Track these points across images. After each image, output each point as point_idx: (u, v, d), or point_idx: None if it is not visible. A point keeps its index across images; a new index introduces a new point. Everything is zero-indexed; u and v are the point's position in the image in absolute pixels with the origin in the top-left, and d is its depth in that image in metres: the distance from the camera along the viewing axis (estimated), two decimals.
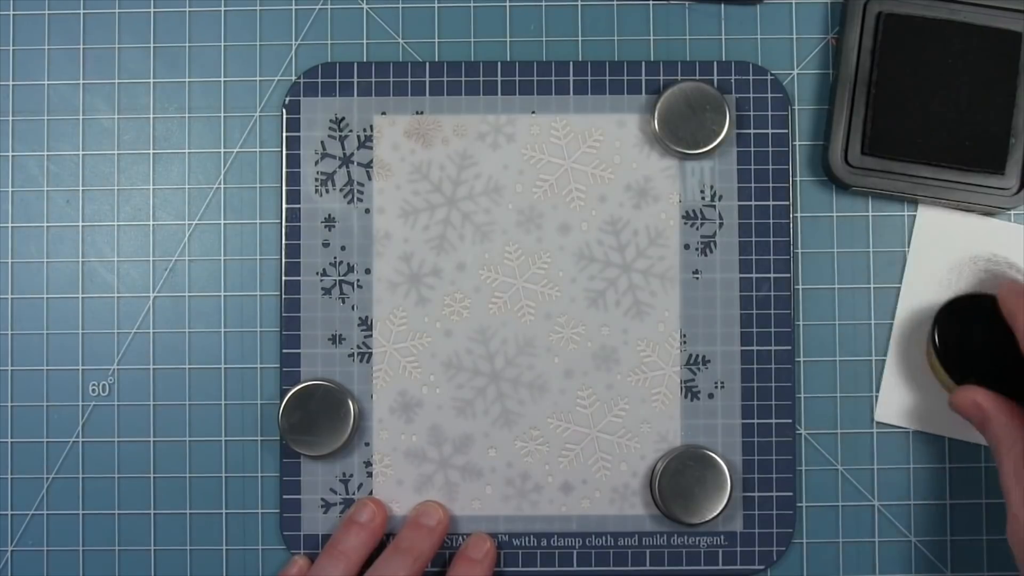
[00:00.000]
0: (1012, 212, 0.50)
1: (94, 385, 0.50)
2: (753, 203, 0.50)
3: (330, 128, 0.50)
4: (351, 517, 0.48)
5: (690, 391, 0.49)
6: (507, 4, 0.51)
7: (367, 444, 0.50)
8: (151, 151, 0.51)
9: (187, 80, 0.51)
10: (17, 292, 0.51)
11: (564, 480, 0.49)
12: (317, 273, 0.50)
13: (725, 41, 0.51)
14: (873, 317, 0.50)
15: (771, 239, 0.50)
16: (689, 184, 0.50)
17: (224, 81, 0.51)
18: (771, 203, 0.50)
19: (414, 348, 0.50)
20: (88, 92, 0.51)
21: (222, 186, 0.51)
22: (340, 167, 0.50)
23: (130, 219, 0.51)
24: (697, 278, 0.50)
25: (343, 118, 0.50)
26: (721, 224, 0.50)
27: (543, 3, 0.51)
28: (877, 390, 0.50)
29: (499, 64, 0.50)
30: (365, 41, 0.51)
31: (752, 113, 0.50)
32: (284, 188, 0.50)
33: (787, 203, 0.50)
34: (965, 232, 0.50)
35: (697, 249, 0.50)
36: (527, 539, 0.49)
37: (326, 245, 0.50)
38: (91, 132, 0.51)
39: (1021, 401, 0.45)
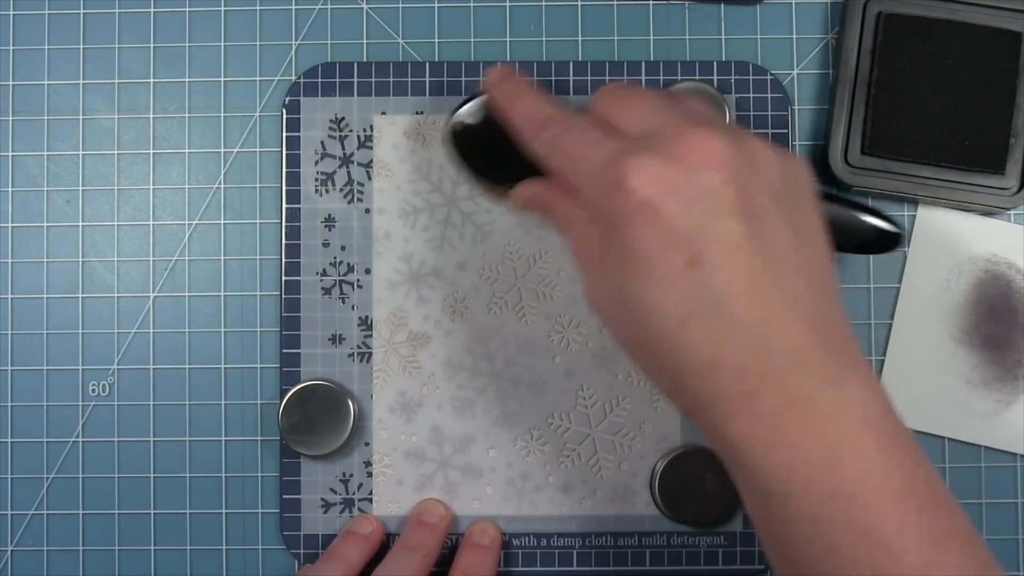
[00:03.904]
0: (1012, 212, 0.50)
1: (94, 385, 0.50)
2: None
3: (330, 128, 0.50)
4: (350, 529, 0.48)
5: None
6: (507, 4, 0.51)
7: (367, 444, 0.50)
8: (151, 151, 0.51)
9: (187, 80, 0.51)
10: (17, 292, 0.51)
11: (564, 480, 0.49)
12: (317, 273, 0.50)
13: (725, 41, 0.51)
14: (873, 317, 0.50)
15: None
16: None
17: (224, 81, 0.51)
18: None
19: (414, 348, 0.50)
20: (88, 92, 0.51)
21: (222, 186, 0.51)
22: (340, 167, 0.50)
23: (130, 219, 0.51)
24: None
25: (343, 118, 0.50)
26: None
27: (543, 3, 0.51)
28: None
29: (499, 64, 0.50)
30: (365, 41, 0.51)
31: (752, 113, 0.50)
32: (284, 188, 0.50)
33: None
34: (965, 232, 0.50)
35: None
36: (527, 539, 0.49)
37: (326, 245, 0.50)
38: (91, 132, 0.51)
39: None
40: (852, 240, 0.46)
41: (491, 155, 0.45)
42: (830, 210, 0.42)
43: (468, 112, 0.46)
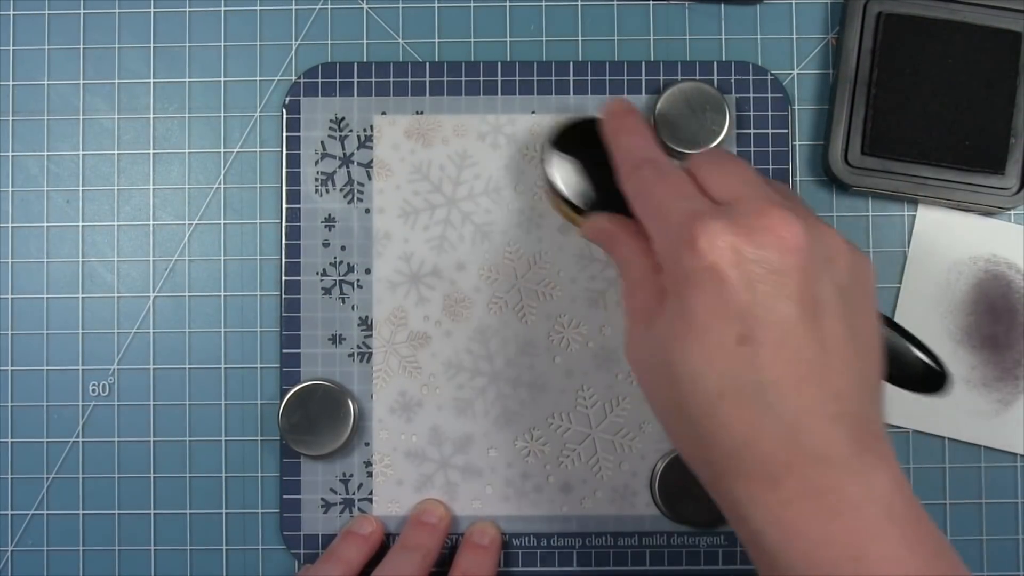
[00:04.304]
0: (1012, 212, 0.50)
1: (94, 385, 0.50)
2: None
3: (330, 128, 0.50)
4: (350, 529, 0.49)
5: None
6: (507, 4, 0.51)
7: (367, 444, 0.50)
8: (151, 151, 0.51)
9: (187, 80, 0.51)
10: (17, 292, 0.51)
11: (564, 480, 0.49)
12: (317, 273, 0.50)
13: (725, 41, 0.51)
14: None
15: None
16: None
17: (224, 81, 0.51)
18: None
19: (414, 348, 0.50)
20: (88, 92, 0.51)
21: (222, 186, 0.51)
22: (340, 167, 0.50)
23: (130, 219, 0.51)
24: None
25: (343, 118, 0.50)
26: None
27: (543, 3, 0.51)
28: None
29: (499, 64, 0.50)
30: (365, 41, 0.51)
31: (752, 113, 0.50)
32: (284, 188, 0.50)
33: (797, 197, 0.50)
34: (965, 232, 0.50)
35: None
36: (527, 539, 0.49)
37: (326, 245, 0.50)
38: (91, 132, 0.51)
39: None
40: (896, 371, 0.44)
41: (581, 177, 0.45)
42: (884, 333, 0.41)
43: (573, 127, 0.45)
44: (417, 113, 0.50)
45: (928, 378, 0.44)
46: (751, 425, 0.35)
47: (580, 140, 0.45)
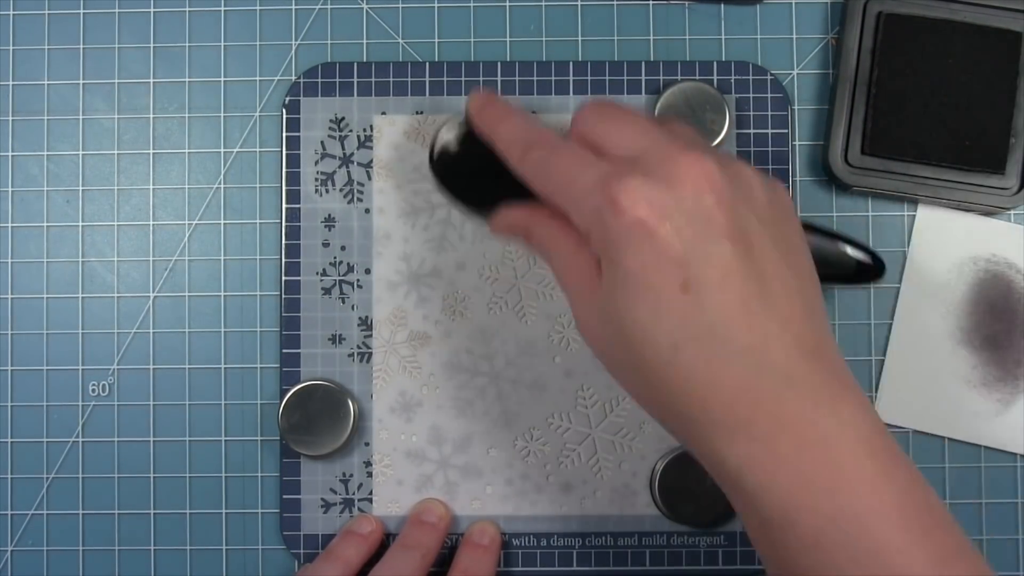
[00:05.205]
0: (1012, 212, 0.50)
1: (94, 385, 0.50)
2: None
3: (330, 128, 0.50)
4: (350, 528, 0.49)
5: None
6: (507, 4, 0.51)
7: (367, 444, 0.50)
8: (151, 151, 0.51)
9: (187, 80, 0.51)
10: (17, 292, 0.51)
11: (564, 480, 0.49)
12: (317, 273, 0.50)
13: (725, 41, 0.51)
14: (873, 317, 0.50)
15: None
16: None
17: (224, 81, 0.51)
18: None
19: (414, 348, 0.50)
20: (88, 92, 0.51)
21: (222, 186, 0.51)
22: (340, 167, 0.50)
23: (130, 219, 0.51)
24: None
25: (343, 118, 0.50)
26: None
27: (543, 3, 0.51)
28: (876, 390, 0.50)
29: (499, 64, 0.50)
30: (365, 41, 0.51)
31: (752, 113, 0.50)
32: (284, 188, 0.50)
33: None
34: (965, 232, 0.50)
35: None
36: (527, 539, 0.49)
37: (326, 245, 0.50)
38: (91, 132, 0.51)
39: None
40: (832, 271, 0.47)
41: (473, 180, 0.45)
42: (811, 240, 0.42)
43: (449, 137, 0.46)
44: (417, 113, 0.50)
45: (863, 270, 0.48)
46: (712, 369, 0.35)
47: (462, 144, 0.45)
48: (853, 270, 0.48)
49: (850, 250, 0.47)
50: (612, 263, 0.36)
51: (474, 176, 0.45)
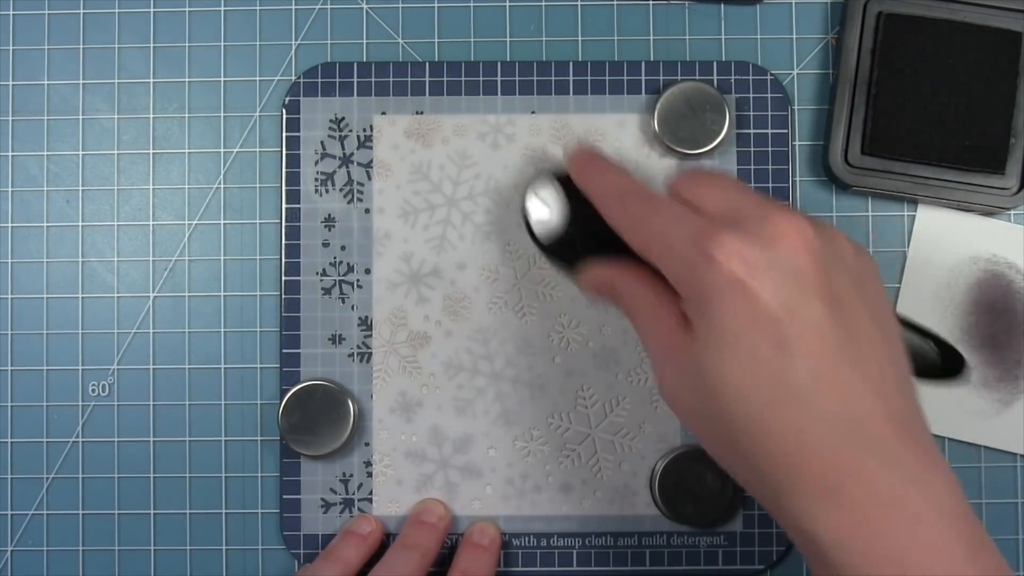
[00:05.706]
0: (1012, 212, 0.50)
1: (94, 385, 0.50)
2: None
3: (330, 128, 0.50)
4: (349, 528, 0.49)
5: None
6: (507, 4, 0.51)
7: (367, 444, 0.50)
8: (151, 151, 0.51)
9: (187, 80, 0.51)
10: (17, 292, 0.51)
11: (564, 480, 0.49)
12: (317, 273, 0.50)
13: (725, 41, 0.51)
14: None
15: None
16: None
17: (224, 81, 0.51)
18: None
19: (414, 348, 0.50)
20: (88, 92, 0.51)
21: (222, 186, 0.51)
22: (340, 167, 0.50)
23: (130, 219, 0.51)
24: None
25: (343, 118, 0.50)
26: None
27: (543, 3, 0.51)
28: None
29: (499, 64, 0.50)
30: (365, 41, 0.51)
31: (752, 113, 0.50)
32: (284, 188, 0.50)
33: (787, 203, 0.50)
34: (965, 232, 0.50)
35: None
36: (527, 539, 0.49)
37: (326, 245, 0.50)
38: (91, 132, 0.51)
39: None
40: (914, 364, 0.42)
41: (565, 233, 0.44)
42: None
43: (544, 191, 0.45)
44: (417, 113, 0.50)
45: (947, 365, 0.44)
46: (802, 433, 0.34)
47: (554, 196, 0.45)
48: (937, 363, 0.43)
49: (931, 343, 0.44)
50: (704, 317, 0.36)
51: (565, 229, 0.45)
